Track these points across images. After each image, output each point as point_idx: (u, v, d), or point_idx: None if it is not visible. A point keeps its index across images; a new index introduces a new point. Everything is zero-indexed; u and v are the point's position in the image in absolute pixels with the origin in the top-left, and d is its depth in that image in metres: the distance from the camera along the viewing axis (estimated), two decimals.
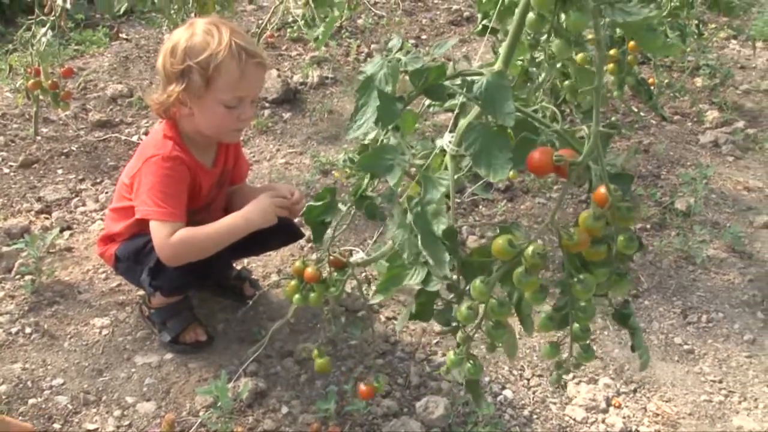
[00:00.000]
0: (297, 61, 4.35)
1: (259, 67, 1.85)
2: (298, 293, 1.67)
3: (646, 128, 3.71)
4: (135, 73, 4.08)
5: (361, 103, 1.26)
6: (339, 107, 3.87)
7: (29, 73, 3.05)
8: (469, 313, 1.15)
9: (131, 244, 2.04)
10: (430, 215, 1.15)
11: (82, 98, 3.74)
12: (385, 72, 1.25)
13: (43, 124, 3.44)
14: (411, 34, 4.83)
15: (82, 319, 2.24)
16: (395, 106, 1.21)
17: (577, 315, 1.12)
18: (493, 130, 1.13)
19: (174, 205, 1.89)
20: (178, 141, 1.94)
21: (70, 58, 4.14)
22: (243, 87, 1.84)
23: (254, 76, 1.85)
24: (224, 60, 1.78)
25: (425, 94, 1.24)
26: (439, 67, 1.21)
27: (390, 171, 1.20)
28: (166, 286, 2.01)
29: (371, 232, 2.77)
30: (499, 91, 1.12)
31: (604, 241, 1.06)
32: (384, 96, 1.20)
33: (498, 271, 1.09)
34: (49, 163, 3.16)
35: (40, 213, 2.80)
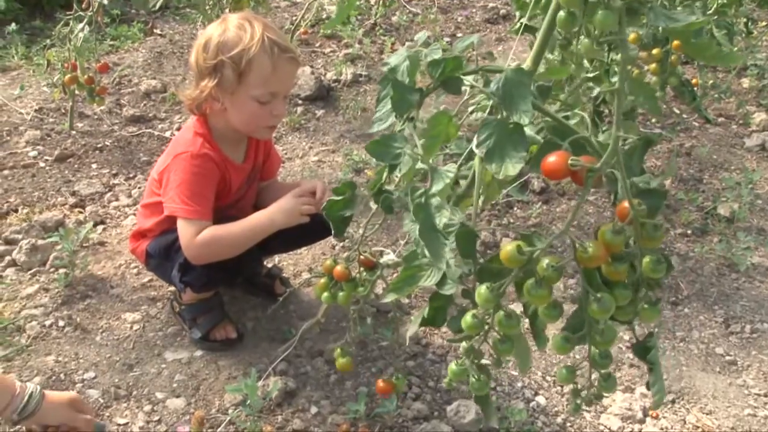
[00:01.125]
0: (330, 58, 4.38)
1: (291, 62, 1.86)
2: (327, 291, 1.70)
3: (688, 131, 3.66)
4: (168, 68, 4.14)
5: (382, 95, 1.28)
6: (372, 105, 3.88)
7: (66, 68, 3.13)
8: (474, 323, 1.12)
9: (162, 240, 2.07)
10: (433, 207, 1.15)
11: (116, 93, 3.81)
12: (406, 64, 1.27)
13: (78, 118, 3.51)
14: (446, 32, 4.82)
15: (114, 313, 2.29)
16: (411, 96, 1.22)
17: (595, 338, 1.06)
18: (509, 127, 1.12)
19: (201, 203, 1.92)
20: (208, 138, 1.97)
21: (105, 53, 4.22)
22: (275, 82, 1.85)
23: (286, 72, 1.87)
24: (256, 55, 1.80)
25: (442, 86, 1.25)
26: (455, 59, 1.21)
27: (398, 159, 1.21)
28: (195, 283, 2.04)
29: (403, 232, 2.77)
30: (518, 87, 1.12)
31: (626, 259, 1.00)
32: (399, 86, 1.22)
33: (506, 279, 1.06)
34: (83, 157, 3.23)
35: (75, 207, 2.86)
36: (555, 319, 1.04)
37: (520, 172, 1.10)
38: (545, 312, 1.04)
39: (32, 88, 3.81)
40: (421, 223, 1.12)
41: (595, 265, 1.00)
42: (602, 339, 1.05)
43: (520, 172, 1.10)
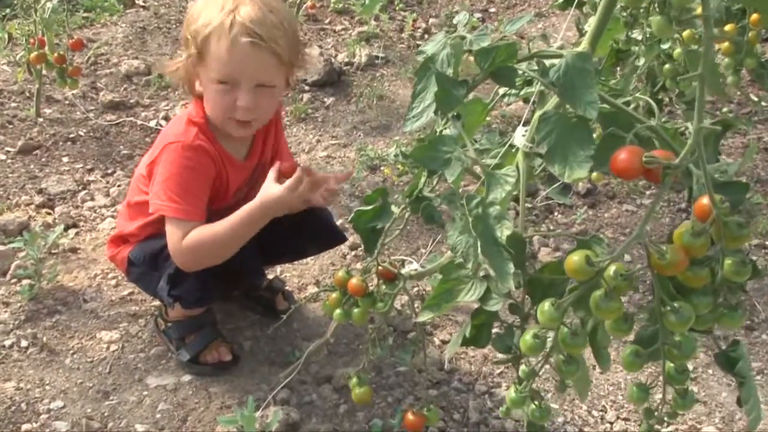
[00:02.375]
0: (342, 36, 4.40)
1: (254, 48, 1.84)
2: (340, 308, 1.70)
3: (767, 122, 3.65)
4: (153, 46, 4.18)
5: (419, 88, 1.29)
6: (391, 92, 3.91)
7: (32, 44, 3.16)
8: (534, 343, 1.12)
9: (147, 247, 2.09)
10: (492, 218, 1.16)
11: (91, 75, 3.84)
12: (447, 52, 1.27)
13: (45, 103, 3.54)
14: (477, 7, 4.84)
15: (88, 331, 2.30)
16: (457, 91, 1.23)
17: (671, 352, 1.07)
18: (572, 122, 1.13)
19: (191, 201, 1.94)
20: (203, 128, 1.99)
21: (78, 27, 4.26)
22: (232, 67, 1.86)
23: (246, 57, 1.85)
24: (213, 32, 1.85)
25: (492, 77, 1.26)
26: (510, 47, 1.22)
27: (447, 166, 1.22)
28: (186, 297, 2.05)
29: (425, 239, 2.79)
30: (581, 76, 1.12)
31: (706, 263, 1.01)
32: (443, 79, 1.22)
33: (572, 293, 1.07)
34: (52, 149, 3.26)
35: (42, 207, 2.88)
36: (626, 333, 1.05)
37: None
38: (615, 326, 1.05)
39: None
40: (481, 237, 1.14)
41: (674, 272, 1.01)
42: (680, 352, 1.06)
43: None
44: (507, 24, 1.33)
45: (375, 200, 1.50)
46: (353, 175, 2.08)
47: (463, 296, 1.27)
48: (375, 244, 1.55)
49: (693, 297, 1.04)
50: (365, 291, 1.64)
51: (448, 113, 1.26)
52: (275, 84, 1.93)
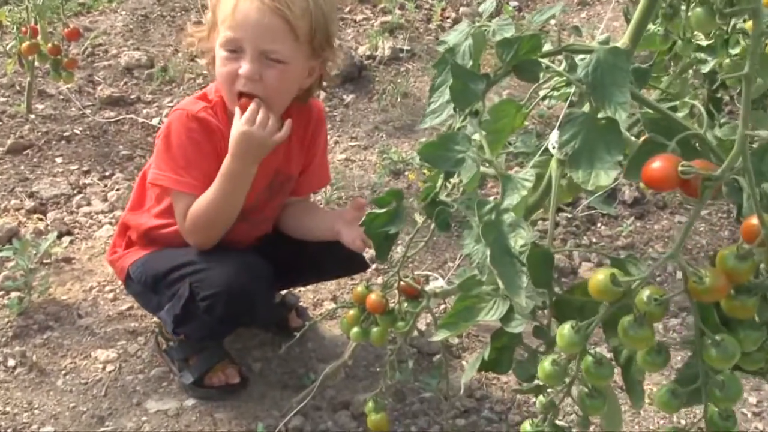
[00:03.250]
0: (363, 27, 4.42)
1: (261, 6, 1.87)
2: (358, 326, 1.72)
3: None
4: (156, 36, 4.22)
5: (438, 82, 1.30)
6: (417, 89, 3.92)
7: (23, 33, 3.19)
8: (553, 370, 1.11)
9: (149, 266, 2.11)
10: (506, 226, 1.15)
11: (88, 67, 3.89)
12: (469, 43, 1.28)
13: (38, 98, 3.59)
14: None
15: (82, 350, 2.33)
16: (475, 85, 1.23)
17: (713, 393, 1.03)
18: (600, 123, 1.13)
19: (196, 176, 1.98)
20: (216, 106, 2.03)
21: (73, 15, 4.30)
22: (235, 25, 1.89)
23: (249, 15, 1.88)
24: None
25: (514, 71, 1.26)
26: (533, 38, 1.23)
27: (459, 165, 1.22)
28: (193, 335, 2.10)
29: (453, 252, 2.80)
30: (612, 73, 1.13)
31: (754, 291, 0.98)
32: (460, 71, 1.23)
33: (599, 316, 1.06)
34: (44, 149, 3.30)
35: (33, 212, 2.92)
36: (659, 367, 1.04)
37: None
38: (647, 359, 1.03)
39: None
40: (492, 246, 1.12)
41: (714, 299, 0.99)
42: (723, 394, 1.02)
43: None
44: (536, 14, 1.33)
45: (389, 203, 1.50)
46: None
47: (483, 315, 1.27)
48: (387, 250, 1.55)
49: (739, 330, 1.01)
50: (385, 308, 1.66)
51: (464, 108, 1.25)
52: (285, 59, 1.91)
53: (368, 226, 1.51)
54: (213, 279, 1.96)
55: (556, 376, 1.11)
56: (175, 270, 2.03)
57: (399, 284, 1.65)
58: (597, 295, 1.04)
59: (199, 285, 1.97)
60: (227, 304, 1.96)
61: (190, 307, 1.99)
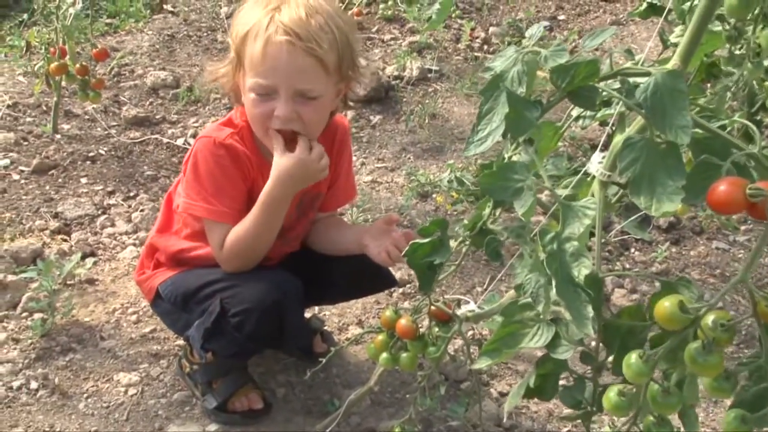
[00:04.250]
0: (391, 47, 4.44)
1: (290, 47, 1.86)
2: (386, 352, 1.72)
3: None
4: (182, 56, 4.27)
5: (486, 109, 1.29)
6: (445, 110, 3.93)
7: (52, 54, 3.25)
8: (620, 402, 1.11)
9: (180, 284, 2.12)
10: (569, 255, 1.15)
11: (114, 87, 3.94)
12: (518, 69, 1.28)
13: (64, 118, 3.64)
14: (544, 14, 4.86)
15: (104, 373, 2.34)
16: (530, 113, 1.23)
17: None
18: (661, 148, 1.12)
19: (227, 203, 2.00)
20: (243, 132, 2.04)
21: (100, 35, 4.37)
22: (267, 70, 1.88)
23: (281, 58, 1.87)
24: (250, 32, 1.89)
25: (570, 98, 1.26)
26: (591, 64, 1.23)
27: (518, 196, 1.22)
28: (222, 352, 2.10)
29: (482, 276, 2.80)
30: (672, 97, 1.12)
31: None
32: (515, 99, 1.23)
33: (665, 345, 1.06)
34: (70, 169, 3.33)
35: (57, 233, 2.95)
36: (727, 394, 1.04)
37: None
38: (716, 386, 1.03)
39: (4, 77, 3.95)
40: (556, 276, 1.13)
41: None
42: None
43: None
44: (587, 38, 1.32)
45: (432, 232, 1.50)
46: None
47: (527, 342, 1.26)
48: (431, 281, 1.56)
49: None
50: (415, 333, 1.66)
51: (519, 137, 1.27)
52: (319, 94, 1.93)
53: (411, 256, 1.51)
54: (244, 295, 1.98)
55: (623, 407, 1.11)
56: (206, 287, 2.04)
57: (429, 308, 1.64)
58: (664, 322, 1.04)
59: (231, 301, 1.98)
60: (258, 321, 1.97)
61: (221, 323, 2.00)
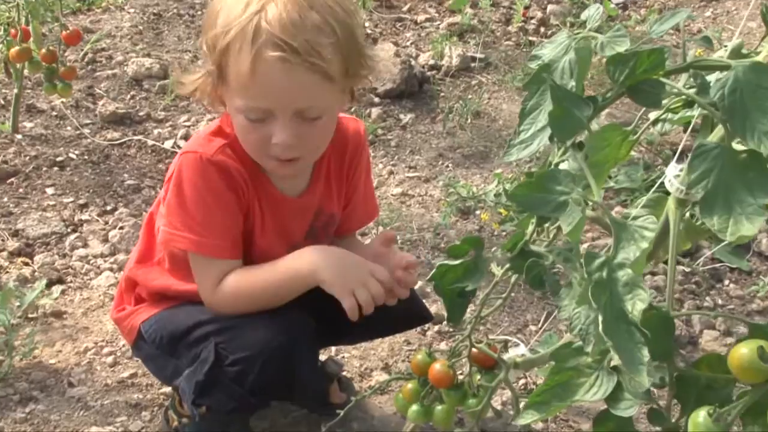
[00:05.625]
0: (426, 30, 4.46)
1: (285, 66, 1.78)
2: (417, 404, 1.72)
3: None
4: (171, 40, 4.31)
5: (530, 105, 1.32)
6: (492, 107, 3.95)
7: (12, 36, 3.26)
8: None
9: (167, 324, 2.12)
10: (621, 285, 1.15)
11: (88, 77, 3.97)
12: (570, 58, 1.29)
13: (26, 114, 3.67)
14: None
15: (73, 427, 2.34)
16: (580, 111, 1.24)
17: None
18: (740, 158, 1.13)
19: (220, 234, 1.98)
20: (236, 144, 2.01)
21: (71, 13, 4.41)
22: (258, 93, 1.83)
23: (275, 79, 1.80)
24: (232, 42, 1.80)
25: (629, 93, 1.27)
26: (655, 53, 1.23)
27: (561, 211, 1.22)
28: (217, 407, 2.08)
29: (536, 312, 2.80)
30: (756, 96, 1.13)
31: None
32: (561, 95, 1.24)
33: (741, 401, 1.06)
34: (33, 177, 3.36)
35: (17, 255, 2.97)
36: None
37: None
38: None
39: None
40: (604, 310, 1.12)
41: None
42: None
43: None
44: (656, 22, 1.32)
45: (465, 253, 1.51)
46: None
47: (582, 394, 1.27)
48: (462, 311, 1.57)
49: None
50: (453, 381, 1.66)
51: (566, 140, 1.27)
52: (323, 112, 1.89)
53: (439, 280, 1.52)
54: (245, 339, 1.96)
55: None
56: (198, 327, 2.02)
57: (470, 351, 1.64)
58: (740, 373, 1.04)
59: (228, 346, 1.97)
60: (262, 370, 1.95)
61: (216, 373, 1.98)
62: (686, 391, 1.18)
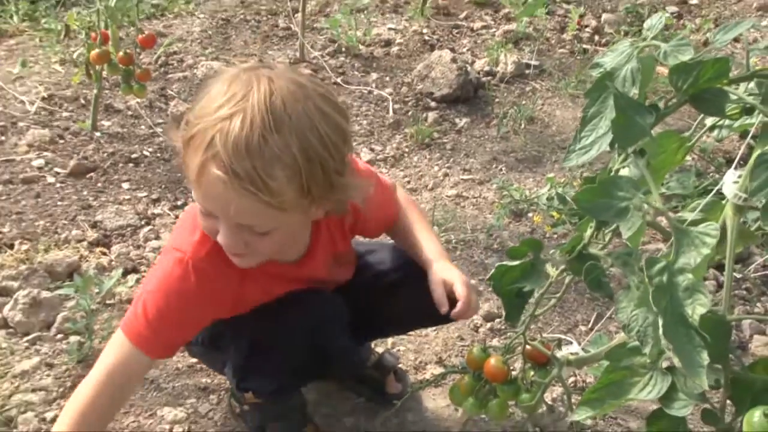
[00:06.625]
0: (482, 37, 4.48)
1: (225, 186, 1.64)
2: (472, 397, 1.74)
3: None
4: (238, 44, 4.37)
5: (591, 112, 1.32)
6: (545, 113, 3.97)
7: (93, 40, 3.34)
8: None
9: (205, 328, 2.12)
10: (681, 290, 1.14)
11: (161, 79, 4.06)
12: (632, 66, 1.30)
13: (104, 114, 3.75)
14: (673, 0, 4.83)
15: (147, 407, 2.40)
16: (642, 118, 1.24)
17: None
18: None
19: (163, 338, 1.91)
20: None
21: (145, 18, 4.49)
22: (201, 195, 1.73)
23: (214, 193, 1.68)
24: (194, 138, 1.67)
25: (692, 102, 1.27)
26: (719, 62, 1.23)
27: (622, 216, 1.21)
28: (261, 390, 2.13)
29: (585, 313, 2.82)
30: None
31: None
32: (624, 102, 1.24)
33: None
34: (110, 172, 3.44)
35: (96, 245, 3.04)
36: None
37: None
38: None
39: (39, 65, 4.09)
40: (664, 314, 1.12)
41: None
42: None
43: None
44: (719, 32, 1.32)
45: (523, 254, 1.52)
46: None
47: (636, 392, 1.26)
48: (519, 311, 1.56)
49: None
50: (507, 376, 1.68)
51: (628, 147, 1.26)
52: (271, 228, 1.77)
53: (497, 280, 1.53)
54: (278, 324, 1.97)
55: None
56: (233, 323, 2.03)
57: (525, 348, 1.66)
58: None
59: (262, 333, 1.99)
60: (296, 353, 2.00)
61: (254, 360, 2.03)
62: (741, 393, 1.18)
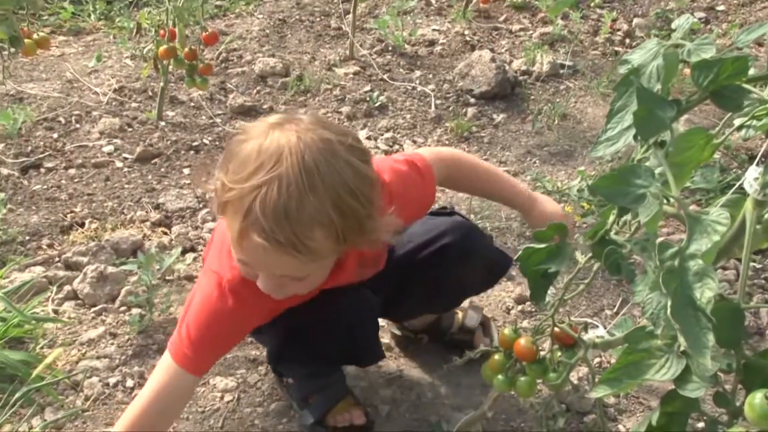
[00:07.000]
0: (520, 38, 4.44)
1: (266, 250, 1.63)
2: (503, 374, 1.72)
3: None
4: (293, 43, 4.37)
5: (618, 106, 1.29)
6: (577, 110, 3.92)
7: (161, 36, 3.38)
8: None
9: None
10: (691, 274, 1.11)
11: (221, 73, 4.07)
12: (657, 63, 1.27)
13: (169, 105, 3.79)
14: (700, 3, 4.78)
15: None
16: (663, 112, 1.21)
17: None
18: None
19: (205, 357, 1.93)
20: None
21: (209, 17, 4.52)
22: (242, 253, 1.72)
23: (258, 255, 1.68)
24: (231, 203, 1.65)
25: (713, 98, 1.24)
26: (739, 60, 1.20)
27: (639, 203, 1.19)
28: (294, 375, 2.15)
29: (612, 298, 2.78)
30: None
31: None
32: (646, 96, 1.21)
33: None
34: (173, 158, 3.47)
35: (158, 225, 3.07)
36: None
37: None
38: None
39: (112, 59, 4.14)
40: (674, 296, 1.10)
41: None
42: None
43: None
44: (742, 33, 1.28)
45: (550, 237, 1.49)
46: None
47: (653, 373, 1.24)
48: (544, 291, 1.54)
49: None
50: (535, 356, 1.65)
51: (648, 138, 1.24)
52: (308, 273, 1.77)
53: (524, 261, 1.50)
54: (309, 317, 1.98)
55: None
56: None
57: (553, 330, 1.63)
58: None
59: (294, 323, 2.00)
60: (325, 349, 2.02)
61: (287, 348, 2.05)
62: (752, 378, 1.15)
